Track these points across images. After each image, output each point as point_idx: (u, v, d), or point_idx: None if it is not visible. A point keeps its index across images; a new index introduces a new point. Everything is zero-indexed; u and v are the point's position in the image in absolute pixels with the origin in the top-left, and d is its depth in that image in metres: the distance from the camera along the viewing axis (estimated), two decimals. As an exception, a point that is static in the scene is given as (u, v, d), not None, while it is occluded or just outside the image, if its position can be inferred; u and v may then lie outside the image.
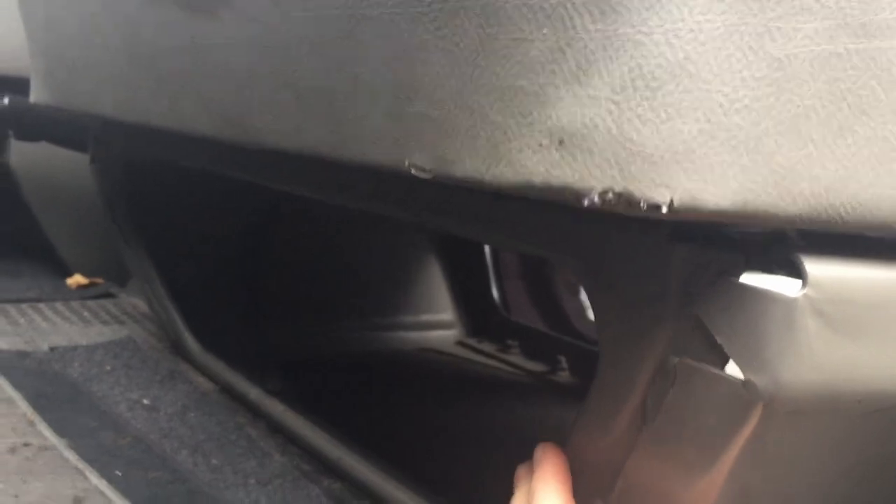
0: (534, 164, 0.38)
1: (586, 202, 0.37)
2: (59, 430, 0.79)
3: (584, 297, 1.95)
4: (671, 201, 0.36)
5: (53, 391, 0.91)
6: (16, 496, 0.64)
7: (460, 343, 1.39)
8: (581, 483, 0.51)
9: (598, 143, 0.37)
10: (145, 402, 0.94)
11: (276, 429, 0.91)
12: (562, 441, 0.52)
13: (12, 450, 0.72)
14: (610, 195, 0.37)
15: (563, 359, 1.28)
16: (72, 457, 0.73)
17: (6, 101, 1.26)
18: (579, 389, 1.22)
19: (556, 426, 1.09)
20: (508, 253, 1.81)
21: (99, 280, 1.44)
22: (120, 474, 0.73)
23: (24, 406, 0.82)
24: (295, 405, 0.94)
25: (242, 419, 0.93)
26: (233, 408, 0.96)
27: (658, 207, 0.37)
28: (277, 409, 0.93)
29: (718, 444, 0.43)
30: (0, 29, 1.38)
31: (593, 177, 0.37)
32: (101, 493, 0.67)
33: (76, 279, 1.43)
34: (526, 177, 0.39)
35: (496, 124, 0.39)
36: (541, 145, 0.38)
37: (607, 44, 0.36)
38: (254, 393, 0.96)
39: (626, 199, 0.37)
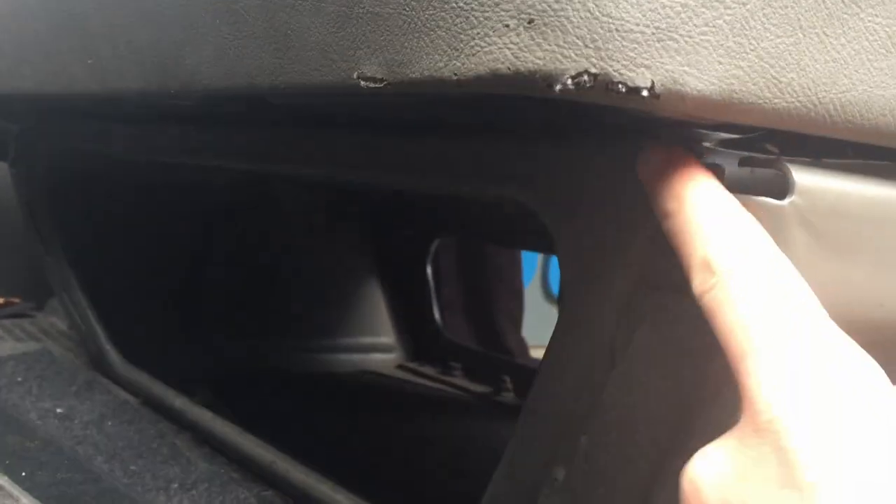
0: (499, 49, 0.35)
1: (559, 87, 0.34)
2: (-43, 430, 0.71)
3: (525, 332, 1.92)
4: (652, 84, 0.33)
5: (-47, 396, 0.82)
6: None
7: (401, 366, 1.34)
8: (541, 448, 0.47)
9: (572, 20, 0.33)
10: (59, 410, 0.86)
11: (204, 439, 0.84)
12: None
13: None
14: (585, 77, 0.33)
15: (507, 379, 1.23)
16: (-31, 455, 0.65)
17: (-80, 102, 1.18)
18: (526, 410, 1.17)
19: (499, 440, 1.04)
20: (451, 283, 1.77)
21: (15, 300, 1.35)
22: (25, 475, 0.65)
23: (-83, 407, 0.74)
24: (227, 419, 0.87)
25: (166, 429, 0.85)
26: (155, 418, 0.88)
27: (638, 90, 0.33)
28: (205, 417, 0.85)
29: (696, 384, 0.39)
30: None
31: (567, 58, 0.33)
32: (3, 490, 0.59)
33: (-10, 298, 1.33)
34: (491, 66, 0.35)
35: (457, 10, 0.36)
36: (507, 27, 0.34)
37: None
38: (179, 402, 0.89)
39: (603, 82, 0.33)
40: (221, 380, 1.08)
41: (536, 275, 2.75)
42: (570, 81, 0.33)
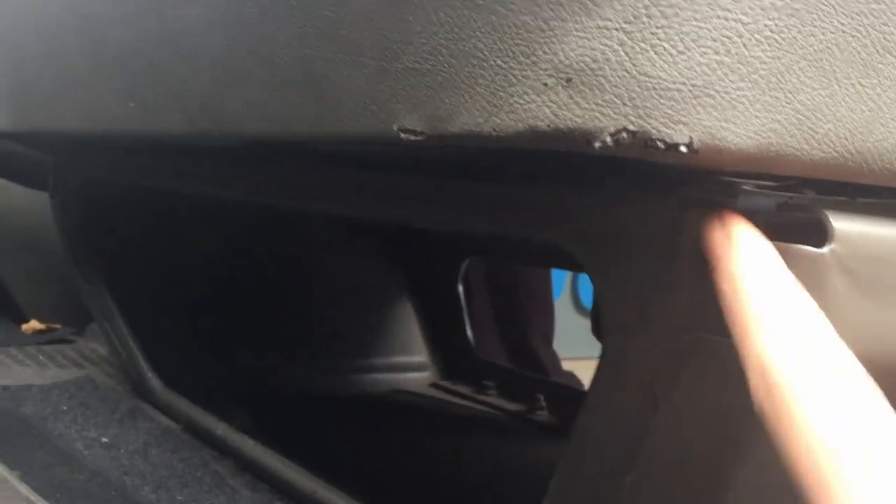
0: (538, 107, 0.35)
1: (598, 144, 0.34)
2: (11, 464, 0.73)
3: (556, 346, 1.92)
4: (690, 140, 0.34)
5: (4, 427, 0.84)
6: (-45, 528, 0.58)
7: (434, 385, 1.35)
8: (586, 484, 0.47)
9: (610, 79, 0.34)
10: (104, 440, 0.87)
11: (246, 466, 0.85)
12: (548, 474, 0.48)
13: (-45, 482, 0.66)
14: (623, 135, 0.34)
15: (541, 397, 1.23)
16: (23, 489, 0.66)
17: (-40, 135, 1.21)
18: (560, 427, 1.17)
19: (539, 461, 1.05)
20: (482, 301, 1.78)
21: (56, 326, 1.37)
22: (74, 508, 0.67)
23: (-30, 440, 0.76)
24: (266, 442, 0.88)
25: (208, 456, 0.86)
26: (197, 445, 0.90)
27: (676, 147, 0.34)
28: (246, 445, 0.87)
29: (742, 426, 0.40)
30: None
31: (605, 115, 0.34)
32: (53, 525, 0.61)
33: (32, 325, 1.36)
34: (530, 123, 0.36)
35: (496, 68, 0.37)
36: (546, 85, 0.35)
37: (618, -31, 0.33)
38: (220, 429, 0.90)
39: (642, 139, 0.34)
40: (258, 403, 1.09)
41: (566, 286, 2.75)
42: (609, 139, 0.34)
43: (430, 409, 1.23)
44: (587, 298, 2.77)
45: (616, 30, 0.33)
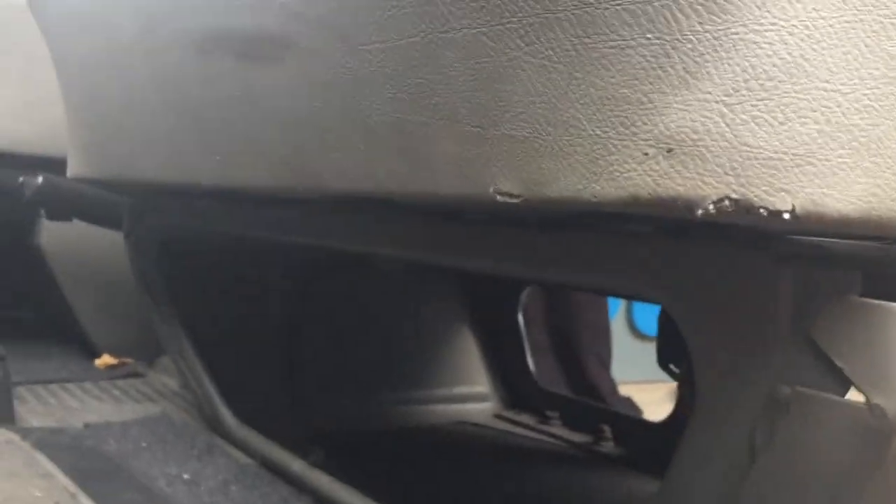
0: (639, 175, 0.37)
1: (700, 212, 0.35)
2: (102, 503, 0.75)
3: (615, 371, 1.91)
4: (793, 207, 0.34)
5: (90, 466, 0.87)
6: (61, 571, 0.60)
7: (498, 416, 1.35)
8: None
9: (711, 149, 0.35)
10: (185, 476, 0.90)
11: (322, 502, 0.87)
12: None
13: (55, 524, 0.68)
14: (726, 202, 0.35)
15: (606, 428, 1.23)
16: (117, 531, 0.69)
17: (40, 179, 1.26)
18: (626, 459, 1.17)
19: (607, 495, 1.05)
20: (539, 329, 1.78)
21: (127, 360, 1.41)
22: (167, 548, 0.69)
23: (63, 480, 0.79)
24: (339, 478, 0.90)
25: (286, 492, 0.88)
26: (275, 481, 0.92)
27: (779, 214, 0.34)
28: (323, 481, 0.89)
29: (842, 480, 0.40)
30: (31, 112, 1.40)
31: (707, 185, 0.35)
32: (150, 568, 0.63)
33: (105, 360, 1.41)
34: (631, 190, 0.37)
35: (595, 138, 0.38)
36: (646, 155, 0.36)
37: (717, 45, 0.34)
38: (296, 465, 0.92)
39: (745, 207, 0.35)
40: (326, 436, 1.11)
41: (621, 311, 2.74)
42: (711, 206, 0.35)
43: (496, 440, 1.24)
44: (642, 322, 2.76)
45: (716, 102, 0.35)
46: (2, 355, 1.06)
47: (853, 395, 0.39)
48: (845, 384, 0.39)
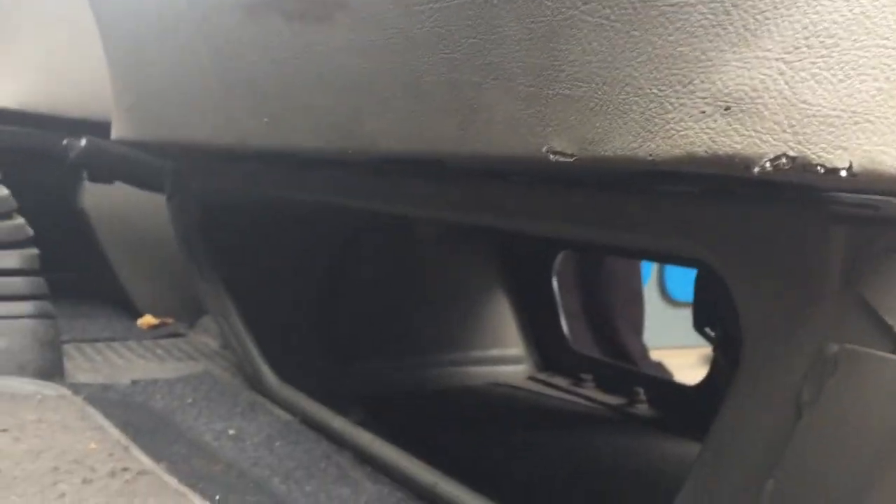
0: (696, 133, 0.37)
1: (757, 169, 0.36)
2: (154, 456, 0.78)
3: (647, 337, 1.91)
4: (850, 165, 0.35)
5: (140, 420, 0.90)
6: (121, 517, 0.63)
7: (532, 378, 1.37)
8: (723, 489, 0.49)
9: (769, 107, 0.35)
10: (231, 432, 0.93)
11: (364, 458, 0.89)
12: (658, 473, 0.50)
13: (112, 474, 0.71)
14: (783, 160, 0.35)
15: (640, 391, 1.24)
16: (171, 481, 0.71)
17: (84, 142, 1.29)
18: (660, 421, 1.18)
19: (641, 457, 1.06)
20: (572, 293, 1.79)
21: (169, 320, 1.45)
22: (219, 498, 0.72)
23: (115, 433, 0.81)
24: (380, 435, 0.92)
25: (329, 448, 0.91)
26: (317, 437, 0.94)
27: (836, 171, 0.35)
28: (364, 437, 0.91)
29: (889, 437, 0.41)
30: (75, 75, 1.42)
31: (764, 142, 0.35)
32: (205, 515, 0.66)
33: (147, 319, 1.44)
34: (687, 148, 0.38)
35: (651, 96, 0.38)
36: (703, 113, 0.37)
37: (778, 1, 0.34)
38: (337, 423, 0.95)
39: (802, 164, 0.35)
40: (365, 397, 1.14)
41: (653, 276, 2.73)
42: (768, 164, 0.36)
43: (530, 401, 1.26)
44: (674, 288, 2.75)
45: (776, 59, 0.35)
46: (52, 314, 1.09)
47: (903, 352, 0.40)
48: (894, 341, 0.40)
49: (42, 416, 0.83)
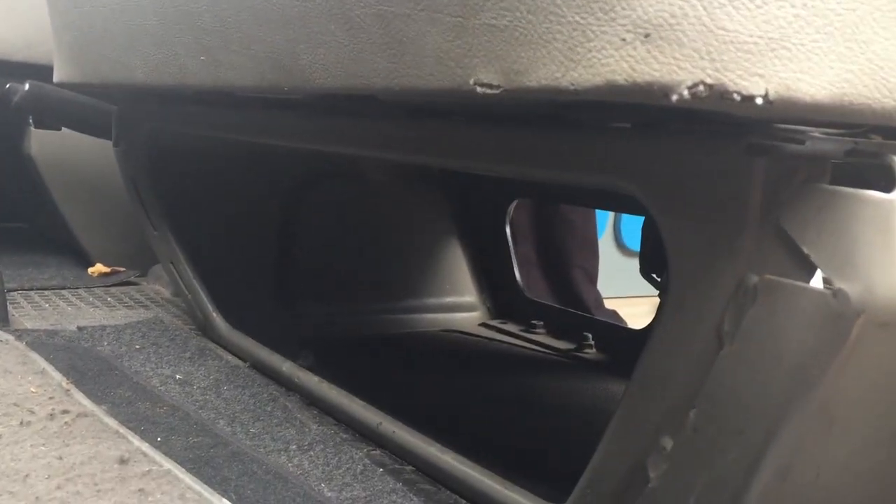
0: (616, 61, 0.37)
1: (675, 97, 0.36)
2: (96, 399, 0.78)
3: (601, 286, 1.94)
4: (766, 92, 0.35)
5: (85, 365, 0.89)
6: (59, 458, 0.63)
7: (484, 324, 1.38)
8: (649, 418, 0.50)
9: (688, 34, 0.35)
10: (178, 377, 0.92)
11: (311, 401, 0.90)
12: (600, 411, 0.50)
13: (51, 416, 0.70)
14: (701, 87, 0.35)
15: (588, 336, 1.26)
16: (112, 423, 0.71)
17: (27, 86, 1.25)
18: (608, 364, 1.20)
19: (588, 396, 1.08)
20: (526, 241, 1.80)
21: (120, 269, 1.43)
22: (160, 439, 0.72)
23: (57, 377, 0.81)
24: (327, 380, 0.92)
25: (276, 392, 0.91)
26: (265, 382, 0.94)
27: (752, 99, 0.35)
28: (312, 381, 0.91)
29: (805, 365, 0.42)
30: (17, 17, 1.37)
31: (683, 69, 0.36)
32: (145, 455, 0.65)
33: (98, 268, 1.42)
34: (608, 76, 0.37)
35: (574, 24, 0.38)
36: (624, 41, 0.37)
37: (697, -74, 0.34)
38: (286, 367, 0.95)
39: (719, 91, 0.35)
40: (316, 342, 1.14)
41: (609, 227, 2.76)
42: (686, 92, 0.36)
43: (480, 347, 1.27)
44: (629, 238, 2.78)
45: (694, -14, 0.35)
46: (-6, 260, 1.07)
47: (818, 282, 0.40)
48: (811, 271, 0.40)
49: (-18, 360, 0.83)
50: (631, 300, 2.06)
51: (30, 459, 0.62)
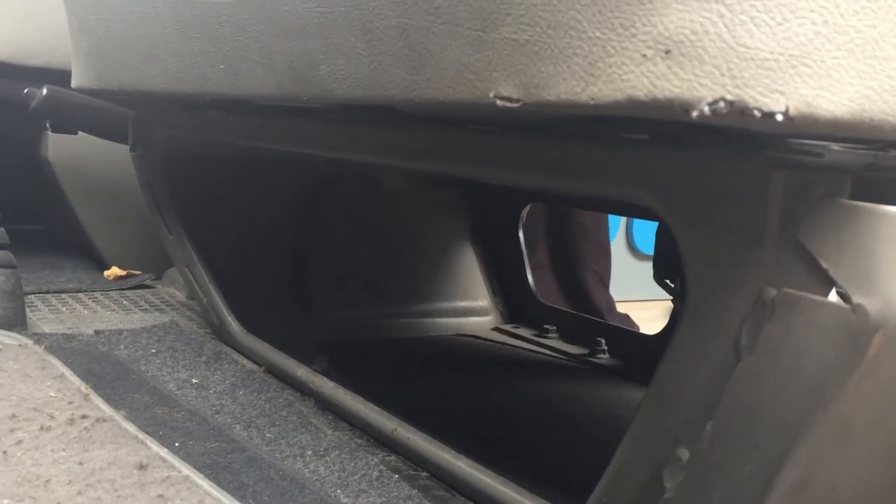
0: (636, 77, 0.37)
1: (695, 114, 0.36)
2: (114, 403, 0.79)
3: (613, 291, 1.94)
4: (787, 108, 0.35)
5: (102, 369, 0.90)
6: (80, 463, 0.63)
7: (497, 329, 1.38)
8: (666, 429, 0.50)
9: (709, 50, 0.35)
10: (194, 381, 0.93)
11: (326, 406, 0.90)
12: (614, 417, 0.51)
13: (71, 421, 0.71)
14: (721, 104, 0.36)
15: (602, 341, 1.26)
16: (131, 428, 0.72)
17: (45, 91, 1.26)
18: (620, 370, 1.20)
19: (602, 402, 1.08)
20: (539, 246, 1.80)
21: (136, 272, 1.44)
22: (178, 444, 0.72)
23: (76, 381, 0.81)
24: (342, 384, 0.93)
25: (291, 397, 0.92)
26: (280, 386, 0.95)
27: (772, 115, 0.35)
28: (327, 386, 0.92)
29: (822, 379, 0.42)
30: (35, 22, 1.39)
31: (703, 86, 0.36)
32: (164, 460, 0.66)
33: (114, 271, 1.43)
34: (628, 92, 0.38)
35: (594, 39, 0.38)
36: (644, 56, 0.37)
37: (718, -56, 0.34)
38: (301, 371, 0.95)
39: (739, 108, 0.35)
40: (331, 346, 1.14)
41: (621, 230, 2.75)
42: (706, 108, 0.36)
43: (492, 351, 1.27)
44: (641, 242, 2.78)
45: (716, 2, 0.35)
46: (13, 265, 1.08)
47: (837, 297, 0.41)
48: (830, 285, 0.41)
49: (1, 364, 0.83)
50: (643, 304, 2.06)
51: (51, 465, 0.63)
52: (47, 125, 1.44)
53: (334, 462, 0.75)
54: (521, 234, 1.41)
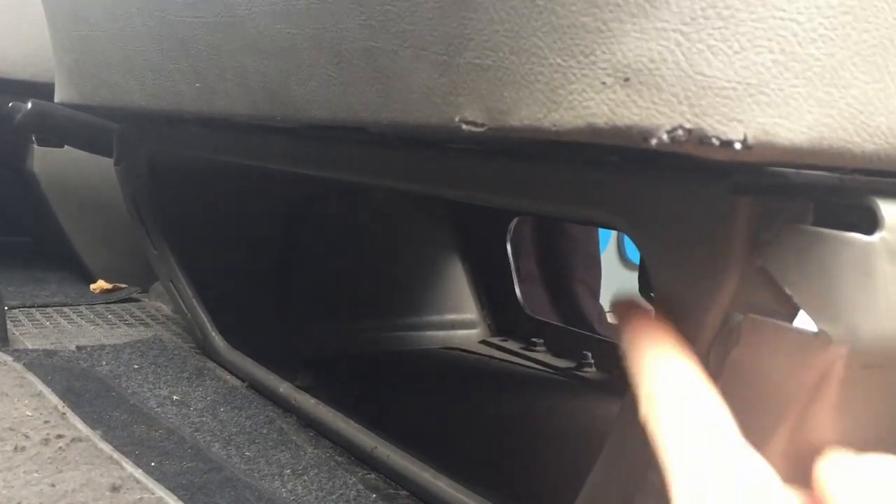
0: (597, 104, 0.37)
1: (654, 142, 0.36)
2: (91, 422, 0.78)
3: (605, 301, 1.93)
4: (745, 137, 0.35)
5: (82, 386, 0.89)
6: (52, 485, 0.63)
7: (484, 342, 1.38)
8: (637, 455, 0.50)
9: (667, 78, 0.35)
10: (175, 398, 0.93)
11: (308, 423, 0.90)
12: (598, 434, 0.51)
13: (45, 441, 0.71)
14: (679, 132, 0.35)
15: (588, 354, 1.26)
16: (106, 447, 0.71)
17: (29, 104, 1.26)
18: (607, 383, 1.20)
19: (587, 416, 1.08)
20: (528, 257, 1.80)
21: (122, 285, 1.44)
22: (154, 465, 0.72)
23: (54, 399, 0.81)
24: (325, 400, 0.92)
25: (273, 413, 0.91)
26: (262, 403, 0.94)
27: (731, 144, 0.35)
28: (308, 403, 0.91)
29: (788, 404, 0.42)
30: (20, 35, 1.38)
31: (661, 114, 0.36)
32: (138, 482, 0.66)
33: (100, 284, 1.43)
34: (588, 119, 0.38)
35: (555, 66, 0.38)
36: (604, 84, 0.37)
37: (675, -27, 0.34)
38: (283, 388, 0.95)
39: (697, 136, 0.35)
40: (316, 361, 1.14)
41: (612, 240, 2.75)
42: (665, 136, 0.36)
43: (478, 365, 1.27)
44: (633, 252, 2.78)
45: (673, 31, 0.35)
46: (-6, 279, 1.08)
47: (801, 322, 0.40)
48: (795, 311, 0.40)
49: (-21, 383, 0.83)
50: (634, 315, 2.05)
51: (22, 486, 0.62)
52: (33, 138, 1.44)
53: (312, 481, 0.75)
54: (508, 247, 1.41)
